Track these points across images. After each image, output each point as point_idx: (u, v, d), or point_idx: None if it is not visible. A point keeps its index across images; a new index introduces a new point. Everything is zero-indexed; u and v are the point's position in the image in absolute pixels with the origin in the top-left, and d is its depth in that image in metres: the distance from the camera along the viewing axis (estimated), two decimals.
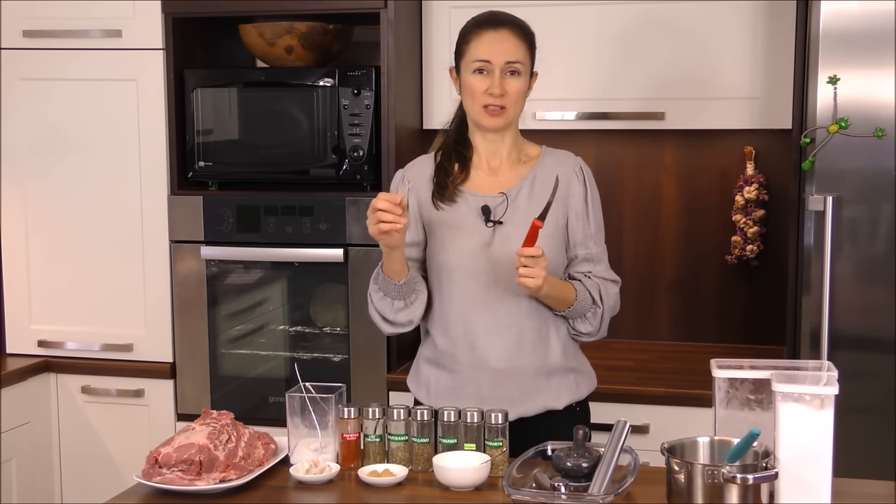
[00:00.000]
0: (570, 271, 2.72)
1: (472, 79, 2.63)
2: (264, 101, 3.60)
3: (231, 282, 3.67)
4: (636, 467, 2.27)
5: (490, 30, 2.64)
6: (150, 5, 3.59)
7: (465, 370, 2.66)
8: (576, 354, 2.76)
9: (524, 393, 2.64)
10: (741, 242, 3.68)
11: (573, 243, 2.71)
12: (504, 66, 2.61)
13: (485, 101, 2.62)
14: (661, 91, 3.51)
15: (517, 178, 2.71)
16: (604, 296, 2.70)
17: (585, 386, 2.76)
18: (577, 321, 2.69)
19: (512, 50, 2.62)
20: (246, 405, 3.62)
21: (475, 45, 2.63)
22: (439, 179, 2.71)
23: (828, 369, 2.17)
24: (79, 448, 3.80)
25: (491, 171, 2.73)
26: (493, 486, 2.34)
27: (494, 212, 2.66)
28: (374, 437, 2.47)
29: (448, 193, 2.69)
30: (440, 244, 2.67)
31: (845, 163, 3.00)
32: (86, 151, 3.72)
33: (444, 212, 2.68)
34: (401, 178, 2.76)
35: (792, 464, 2.08)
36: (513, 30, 2.64)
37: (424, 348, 2.77)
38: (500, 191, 2.69)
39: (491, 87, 2.61)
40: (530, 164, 2.73)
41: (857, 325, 3.05)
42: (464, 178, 2.71)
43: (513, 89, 2.63)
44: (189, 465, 2.32)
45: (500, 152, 2.72)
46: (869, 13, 2.95)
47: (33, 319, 3.82)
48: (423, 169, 2.76)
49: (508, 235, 2.62)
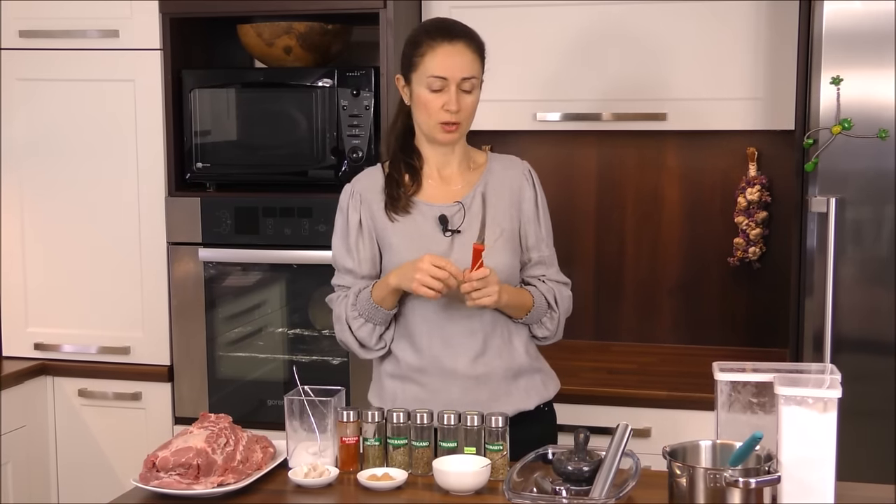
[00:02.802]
0: (523, 276, 2.74)
1: (427, 94, 2.61)
2: (263, 101, 3.58)
3: (229, 284, 3.66)
4: (638, 471, 2.26)
5: (445, 43, 2.60)
6: (148, 5, 3.58)
7: (434, 381, 2.66)
8: (538, 355, 2.79)
9: (495, 397, 2.65)
10: (743, 244, 3.67)
11: (526, 247, 2.73)
12: (460, 82, 2.59)
13: (441, 118, 2.61)
14: (662, 92, 3.50)
15: (469, 187, 2.71)
16: (559, 299, 2.73)
17: (552, 385, 2.79)
18: (534, 326, 2.72)
19: (468, 65, 2.60)
20: (244, 408, 3.61)
21: (430, 58, 2.60)
22: (391, 191, 2.69)
23: (831, 372, 2.16)
24: (76, 452, 3.78)
25: (443, 180, 2.72)
26: (494, 490, 2.33)
27: (452, 221, 2.65)
28: (373, 440, 2.46)
29: (401, 204, 2.67)
30: (398, 256, 2.65)
31: (848, 164, 2.99)
32: (83, 152, 3.70)
33: (399, 223, 2.67)
34: (350, 192, 2.74)
35: (795, 467, 2.07)
36: (467, 43, 2.62)
37: (387, 364, 2.74)
38: (454, 199, 2.68)
39: (447, 103, 2.59)
40: (479, 171, 2.73)
41: (860, 328, 3.04)
42: (416, 188, 2.70)
43: (468, 104, 2.62)
44: (187, 469, 2.31)
45: (451, 162, 2.72)
46: (872, 13, 2.94)
47: (30, 322, 3.81)
48: (373, 181, 2.74)
49: (467, 244, 2.59)
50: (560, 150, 3.87)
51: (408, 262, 2.56)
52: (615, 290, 3.89)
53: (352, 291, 2.69)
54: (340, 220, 2.74)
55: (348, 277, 2.72)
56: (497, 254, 2.63)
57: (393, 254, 2.67)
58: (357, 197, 2.72)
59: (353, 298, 2.67)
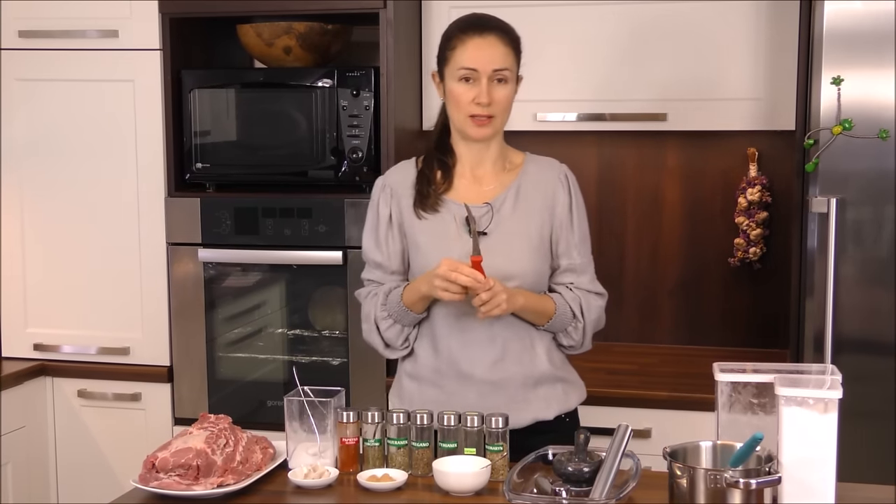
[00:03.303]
0: (551, 282, 2.68)
1: (458, 87, 2.57)
2: (262, 102, 3.58)
3: (229, 284, 3.65)
4: (638, 472, 2.26)
5: (476, 35, 2.57)
6: (147, 5, 3.57)
7: (451, 384, 2.63)
8: (563, 363, 2.72)
9: (512, 404, 2.59)
10: (744, 245, 3.66)
11: (556, 253, 2.67)
12: (491, 74, 2.55)
13: (471, 111, 2.57)
14: (663, 92, 3.49)
15: (502, 188, 2.66)
16: (585, 309, 2.65)
17: (574, 396, 2.72)
18: (559, 335, 2.67)
19: (499, 57, 2.56)
20: (244, 409, 3.60)
21: (461, 51, 2.56)
22: (421, 188, 2.66)
23: (831, 373, 2.15)
24: (75, 452, 3.78)
25: (475, 179, 2.68)
26: (494, 490, 2.32)
27: (479, 222, 2.61)
28: (373, 441, 2.46)
29: (430, 202, 2.64)
30: (423, 254, 2.63)
31: (849, 164, 2.98)
32: (82, 153, 3.70)
33: (427, 221, 2.64)
34: (381, 186, 2.72)
35: (795, 468, 2.06)
36: (499, 35, 2.58)
37: (407, 363, 2.72)
38: (484, 200, 2.64)
39: (478, 95, 2.55)
40: (514, 173, 2.68)
41: (860, 329, 3.04)
42: (447, 186, 2.66)
43: (500, 97, 2.57)
44: (186, 470, 2.31)
45: (484, 161, 2.67)
46: (873, 13, 2.94)
47: (29, 322, 3.80)
48: (405, 176, 2.71)
49: (493, 247, 2.56)
50: (560, 151, 3.81)
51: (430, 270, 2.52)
52: (616, 290, 3.85)
53: (382, 291, 2.66)
54: (371, 213, 2.72)
55: (377, 272, 2.70)
56: (521, 258, 2.59)
57: (419, 253, 2.64)
58: (388, 191, 2.68)
59: (382, 298, 2.64)
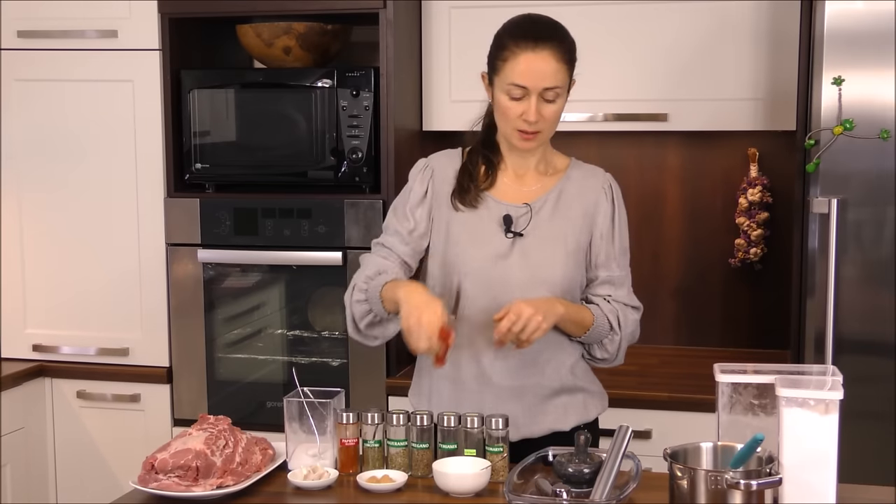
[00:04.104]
0: (588, 293, 2.63)
1: (507, 101, 2.48)
2: (262, 102, 3.57)
3: (228, 285, 3.64)
4: (638, 473, 2.25)
5: (529, 50, 2.44)
6: (147, 5, 3.57)
7: (469, 383, 2.58)
8: (585, 373, 2.67)
9: (529, 413, 2.56)
10: (745, 245, 3.66)
11: (595, 264, 2.60)
12: (542, 92, 2.47)
13: (519, 126, 2.49)
14: (663, 92, 3.49)
15: (543, 190, 2.60)
16: (622, 322, 2.59)
17: (595, 407, 2.66)
18: (592, 347, 2.62)
19: (551, 75, 2.45)
20: (243, 410, 3.60)
21: (512, 65, 2.45)
22: (462, 181, 2.60)
23: (832, 374, 2.15)
24: (74, 454, 3.77)
25: (517, 178, 2.62)
26: (494, 492, 2.31)
27: (516, 223, 2.56)
28: (373, 442, 2.45)
29: (469, 198, 2.58)
30: (457, 247, 2.57)
31: (850, 165, 2.98)
32: (81, 153, 3.69)
33: (464, 213, 2.58)
34: (423, 165, 2.65)
35: (796, 469, 2.06)
36: (553, 50, 2.45)
37: (425, 357, 2.66)
38: (524, 201, 2.58)
39: (526, 112, 2.46)
40: (557, 177, 2.63)
41: (861, 329, 3.03)
42: (489, 183, 2.60)
43: (549, 114, 2.49)
44: (186, 471, 2.30)
45: (527, 164, 2.62)
46: (874, 13, 2.93)
47: (28, 323, 3.80)
48: (449, 163, 2.64)
49: (527, 249, 2.53)
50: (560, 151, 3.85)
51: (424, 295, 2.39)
52: None
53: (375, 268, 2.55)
54: (405, 189, 2.64)
55: (393, 238, 2.60)
56: (555, 263, 2.54)
57: (452, 244, 2.57)
58: (429, 171, 2.62)
59: (371, 272, 2.55)
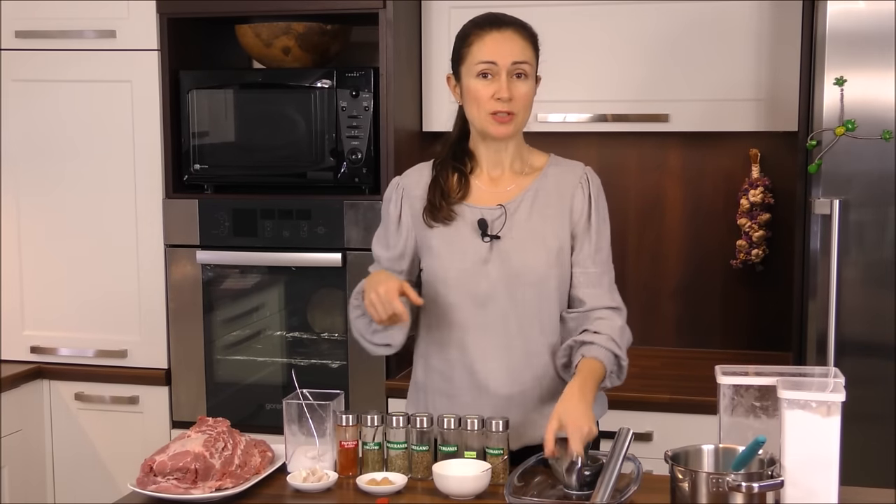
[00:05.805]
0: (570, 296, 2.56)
1: (477, 84, 2.48)
2: (261, 102, 3.56)
3: (227, 287, 3.64)
4: (639, 475, 2.26)
5: (494, 30, 2.49)
6: (145, 5, 3.56)
7: (465, 395, 2.55)
8: None
9: (529, 421, 2.52)
10: (746, 247, 3.65)
11: (573, 261, 2.56)
12: (511, 68, 2.46)
13: (492, 108, 2.47)
14: (664, 93, 3.48)
15: (518, 190, 2.57)
16: (620, 344, 2.48)
17: (595, 411, 2.58)
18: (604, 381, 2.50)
19: (518, 50, 2.47)
20: (242, 412, 3.59)
21: (478, 46, 2.48)
22: (433, 198, 2.56)
23: (834, 376, 2.14)
24: (72, 456, 3.76)
25: (491, 180, 2.59)
26: (494, 494, 2.31)
27: (492, 226, 2.52)
28: (372, 444, 2.44)
29: (441, 215, 2.54)
30: (438, 260, 2.55)
31: (852, 166, 2.97)
32: (79, 154, 3.69)
33: (438, 228, 2.55)
34: (395, 185, 2.65)
35: (798, 472, 2.06)
36: (517, 30, 2.51)
37: (418, 370, 2.65)
38: (498, 202, 2.55)
39: (498, 90, 2.46)
40: (534, 176, 2.59)
41: (863, 331, 3.03)
42: (462, 193, 2.57)
43: (521, 93, 2.49)
44: (184, 474, 2.30)
45: (502, 162, 2.58)
46: (876, 14, 2.93)
47: (26, 325, 3.79)
48: (420, 178, 2.62)
49: (507, 251, 2.50)
50: (561, 152, 3.80)
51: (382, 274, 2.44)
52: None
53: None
54: (384, 211, 2.65)
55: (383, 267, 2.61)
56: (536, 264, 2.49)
57: (433, 257, 2.56)
58: (401, 191, 2.61)
59: (360, 288, 2.54)
